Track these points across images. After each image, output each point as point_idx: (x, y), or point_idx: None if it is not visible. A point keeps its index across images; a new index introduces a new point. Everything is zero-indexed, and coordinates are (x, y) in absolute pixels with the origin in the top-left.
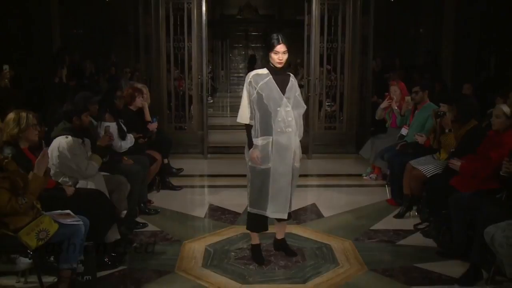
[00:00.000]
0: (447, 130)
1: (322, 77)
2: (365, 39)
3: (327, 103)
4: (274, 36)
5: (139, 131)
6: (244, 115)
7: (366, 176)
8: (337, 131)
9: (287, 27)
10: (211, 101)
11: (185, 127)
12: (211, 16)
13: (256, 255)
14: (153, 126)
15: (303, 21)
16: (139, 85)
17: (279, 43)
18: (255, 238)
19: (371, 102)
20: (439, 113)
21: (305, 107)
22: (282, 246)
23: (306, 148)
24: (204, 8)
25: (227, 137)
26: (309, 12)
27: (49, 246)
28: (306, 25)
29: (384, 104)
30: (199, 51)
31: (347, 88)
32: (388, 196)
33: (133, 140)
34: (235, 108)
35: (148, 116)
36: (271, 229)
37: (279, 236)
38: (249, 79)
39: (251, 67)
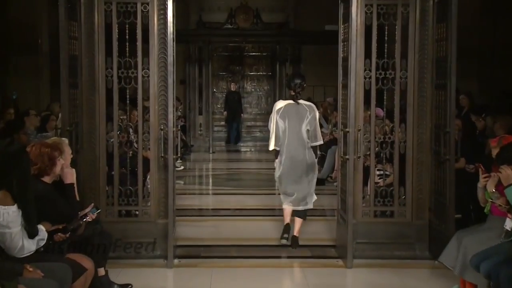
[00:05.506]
0: None
1: (369, 128)
2: (442, 62)
3: (378, 172)
4: None
5: (56, 219)
6: None
7: None
8: (396, 220)
9: (308, 43)
10: (181, 167)
11: (137, 212)
12: (183, 25)
13: None
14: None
15: (336, 34)
16: (56, 140)
17: None
18: None
19: (455, 169)
20: None
21: None
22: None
23: (343, 248)
24: (170, 13)
25: (208, 230)
26: (346, 19)
27: None
28: (341, 41)
29: (481, 182)
30: (161, 83)
31: (412, 145)
32: None
33: (45, 235)
34: (221, 181)
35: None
36: None
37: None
38: None
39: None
